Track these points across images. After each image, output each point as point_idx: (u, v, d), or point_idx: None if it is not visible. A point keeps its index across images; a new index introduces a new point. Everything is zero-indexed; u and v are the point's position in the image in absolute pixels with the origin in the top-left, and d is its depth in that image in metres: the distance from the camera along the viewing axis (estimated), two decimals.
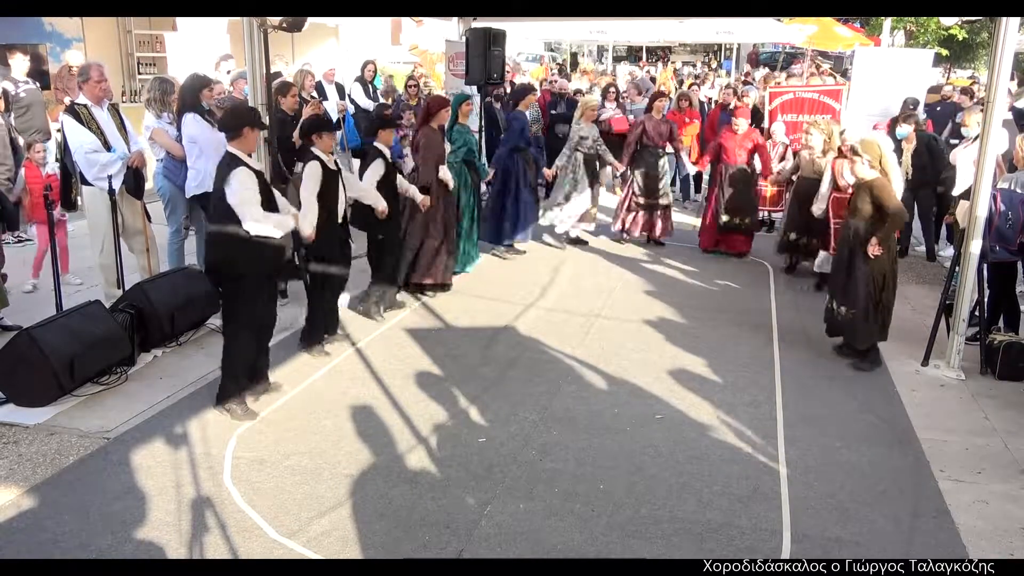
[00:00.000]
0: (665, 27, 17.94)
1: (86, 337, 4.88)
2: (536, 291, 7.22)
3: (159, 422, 4.61)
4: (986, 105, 5.43)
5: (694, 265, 8.23)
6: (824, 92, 9.72)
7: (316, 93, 9.36)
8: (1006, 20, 5.14)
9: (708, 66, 24.60)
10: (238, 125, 4.51)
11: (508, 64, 12.73)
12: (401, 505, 3.85)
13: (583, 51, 28.09)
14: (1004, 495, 4.09)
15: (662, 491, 4.03)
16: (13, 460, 4.16)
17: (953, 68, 23.74)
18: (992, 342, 5.54)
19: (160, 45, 12.02)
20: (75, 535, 3.56)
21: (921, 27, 19.26)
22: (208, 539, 3.58)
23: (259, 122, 4.68)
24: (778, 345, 6.06)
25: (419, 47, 18.27)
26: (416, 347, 5.86)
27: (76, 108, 5.71)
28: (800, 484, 4.12)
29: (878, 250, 5.38)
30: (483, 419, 4.77)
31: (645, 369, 5.55)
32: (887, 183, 5.42)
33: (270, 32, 6.01)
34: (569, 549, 3.56)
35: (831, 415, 4.93)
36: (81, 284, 6.85)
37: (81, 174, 5.84)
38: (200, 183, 6.34)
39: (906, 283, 7.79)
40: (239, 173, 4.42)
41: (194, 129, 6.25)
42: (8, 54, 8.64)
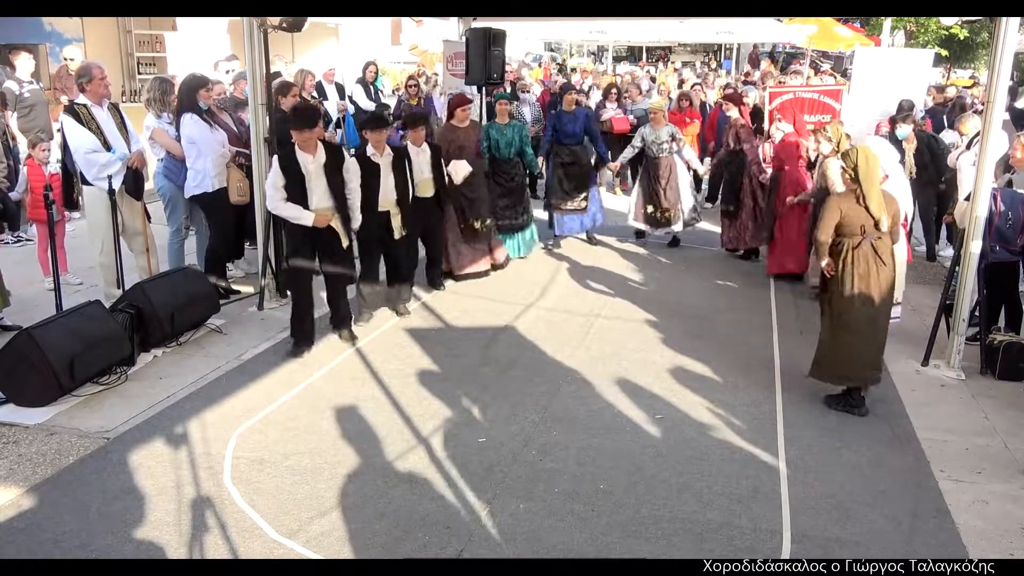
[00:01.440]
0: (665, 27, 17.95)
1: (86, 337, 4.88)
2: (536, 291, 7.23)
3: (159, 422, 4.61)
4: (986, 105, 5.43)
5: (694, 265, 8.22)
6: (824, 92, 9.71)
7: (316, 93, 9.37)
8: (1006, 20, 5.13)
9: (708, 66, 24.58)
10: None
11: (509, 64, 12.75)
12: (401, 505, 3.85)
13: (571, 51, 27.94)
14: (1004, 495, 4.08)
15: (662, 491, 4.03)
16: (13, 460, 4.16)
17: (953, 68, 23.72)
18: (992, 342, 5.54)
19: (160, 45, 12.02)
20: (75, 535, 3.56)
21: (921, 27, 19.25)
22: (208, 539, 3.58)
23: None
24: (778, 345, 6.06)
25: (419, 47, 18.29)
26: (416, 347, 5.86)
27: (76, 108, 5.71)
28: (800, 484, 4.12)
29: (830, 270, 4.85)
30: (483, 419, 4.77)
31: (645, 369, 5.55)
32: (833, 205, 4.79)
33: (270, 32, 6.02)
34: (569, 549, 3.56)
35: (831, 415, 4.93)
36: (81, 284, 6.85)
37: (81, 174, 5.84)
38: (200, 183, 6.35)
39: (906, 283, 7.78)
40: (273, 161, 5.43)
41: (193, 129, 6.25)
42: (12, 54, 8.65)
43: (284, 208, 5.42)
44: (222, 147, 6.42)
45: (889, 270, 4.79)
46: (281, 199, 5.39)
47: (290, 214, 5.42)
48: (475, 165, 7.27)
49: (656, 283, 7.59)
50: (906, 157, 8.18)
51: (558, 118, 8.58)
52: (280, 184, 5.37)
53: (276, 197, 5.40)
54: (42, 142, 6.95)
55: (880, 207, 4.69)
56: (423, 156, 6.57)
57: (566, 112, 8.54)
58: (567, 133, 8.41)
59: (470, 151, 7.31)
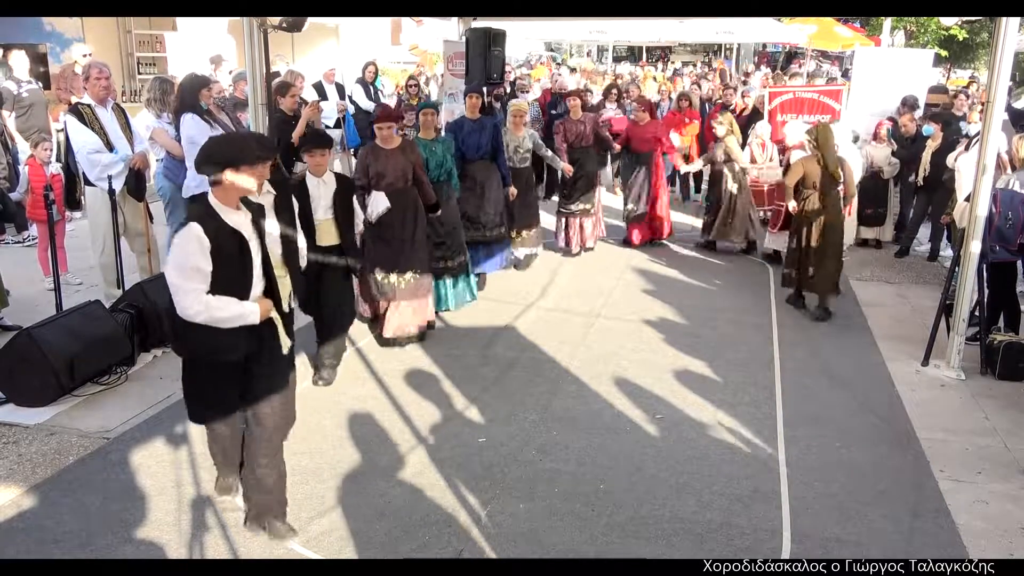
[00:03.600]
0: (665, 27, 17.94)
1: (86, 337, 4.88)
2: (536, 291, 7.22)
3: (159, 422, 4.61)
4: (986, 105, 5.43)
5: (694, 265, 8.23)
6: (824, 92, 9.71)
7: (316, 93, 9.37)
8: (1006, 20, 5.13)
9: (708, 66, 24.58)
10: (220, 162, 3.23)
11: (510, 65, 12.74)
12: (401, 505, 3.85)
13: (571, 51, 27.93)
14: (1004, 495, 4.08)
15: (662, 491, 4.03)
16: (13, 460, 4.16)
17: (953, 68, 23.72)
18: (992, 342, 5.54)
19: (160, 45, 12.04)
20: (75, 535, 3.56)
21: (921, 27, 19.25)
22: (208, 539, 3.58)
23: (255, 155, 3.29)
24: (778, 345, 6.06)
25: (419, 47, 18.28)
26: (416, 347, 5.86)
27: (79, 108, 5.72)
28: (800, 484, 4.12)
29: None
30: (483, 419, 4.77)
31: (645, 369, 5.55)
32: (798, 164, 6.66)
33: (270, 32, 6.01)
34: (569, 549, 3.56)
35: (831, 415, 4.93)
36: (81, 284, 6.85)
37: (84, 174, 5.84)
38: (200, 183, 6.31)
39: (906, 283, 7.80)
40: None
41: (192, 129, 6.24)
42: (8, 54, 8.65)
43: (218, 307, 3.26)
44: None
45: (835, 214, 6.54)
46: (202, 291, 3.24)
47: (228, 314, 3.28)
48: (403, 199, 5.63)
49: (656, 283, 7.59)
50: (924, 155, 8.20)
51: (458, 127, 6.86)
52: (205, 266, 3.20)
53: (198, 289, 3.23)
54: (45, 141, 6.95)
55: (835, 164, 6.48)
56: (324, 189, 4.95)
57: (470, 120, 6.85)
58: (471, 147, 6.84)
59: (395, 181, 5.58)
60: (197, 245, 3.16)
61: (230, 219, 3.26)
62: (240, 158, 3.20)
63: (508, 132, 7.44)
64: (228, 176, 3.20)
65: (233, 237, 3.26)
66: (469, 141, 6.81)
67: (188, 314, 3.25)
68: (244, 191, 3.27)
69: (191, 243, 3.16)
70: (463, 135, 6.79)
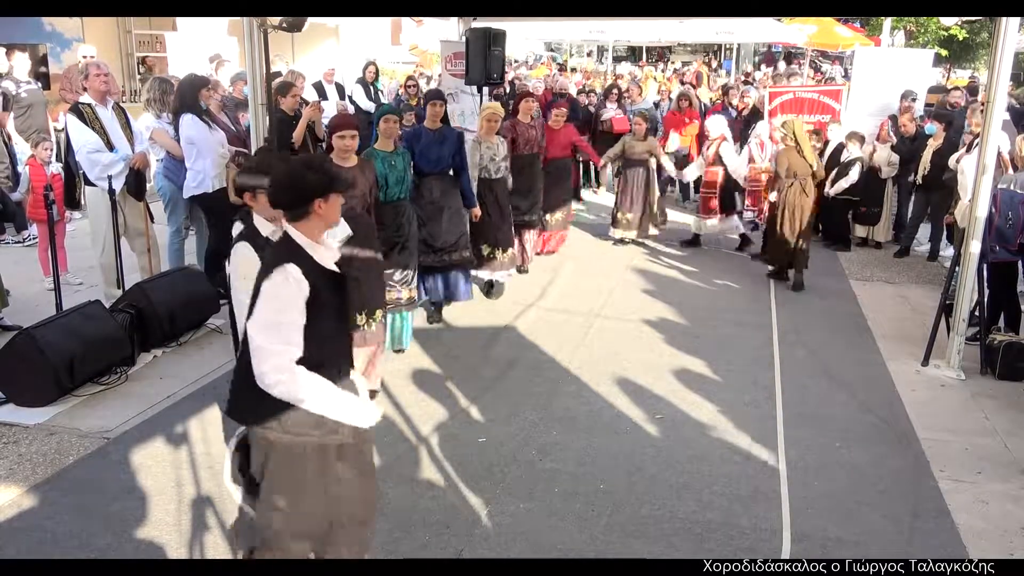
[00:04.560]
0: (665, 27, 17.94)
1: (86, 337, 4.88)
2: (536, 291, 7.22)
3: (159, 422, 4.61)
4: (986, 105, 5.43)
5: (694, 265, 8.22)
6: (824, 92, 9.72)
7: (316, 93, 9.37)
8: (1006, 20, 5.13)
9: (708, 65, 24.57)
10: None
11: (510, 65, 12.73)
12: (401, 505, 3.85)
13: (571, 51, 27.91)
14: (1004, 495, 4.08)
15: (662, 491, 4.03)
16: (13, 460, 4.16)
17: (953, 68, 23.72)
18: (992, 342, 5.54)
19: (160, 45, 12.05)
20: (75, 535, 3.56)
21: (921, 27, 19.27)
22: (208, 539, 3.58)
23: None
24: (778, 345, 6.06)
25: (419, 47, 18.29)
26: (416, 347, 5.86)
27: (80, 107, 5.72)
28: (800, 484, 4.12)
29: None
30: (483, 419, 4.77)
31: (645, 369, 5.55)
32: (783, 157, 7.46)
33: (270, 32, 6.01)
34: (569, 549, 3.56)
35: (831, 415, 4.93)
36: (81, 284, 6.84)
37: (84, 173, 5.84)
38: (199, 183, 6.34)
39: (906, 283, 7.80)
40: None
41: (191, 130, 6.25)
42: (8, 53, 8.64)
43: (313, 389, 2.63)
44: (221, 147, 6.42)
45: (810, 200, 7.41)
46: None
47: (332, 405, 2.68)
48: (364, 226, 4.71)
49: (656, 283, 7.59)
50: (924, 154, 8.20)
51: (415, 137, 5.95)
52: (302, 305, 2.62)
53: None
54: (45, 141, 6.95)
55: (811, 153, 7.47)
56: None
57: (429, 130, 5.96)
58: (428, 160, 5.93)
59: (355, 205, 4.65)
60: (296, 290, 2.51)
61: (321, 257, 2.67)
62: (331, 184, 2.67)
63: (481, 141, 6.67)
64: (319, 207, 2.65)
65: (331, 280, 2.67)
66: (427, 153, 5.92)
67: (267, 382, 2.54)
68: (333, 222, 2.75)
69: (288, 287, 2.51)
70: (420, 147, 5.88)
